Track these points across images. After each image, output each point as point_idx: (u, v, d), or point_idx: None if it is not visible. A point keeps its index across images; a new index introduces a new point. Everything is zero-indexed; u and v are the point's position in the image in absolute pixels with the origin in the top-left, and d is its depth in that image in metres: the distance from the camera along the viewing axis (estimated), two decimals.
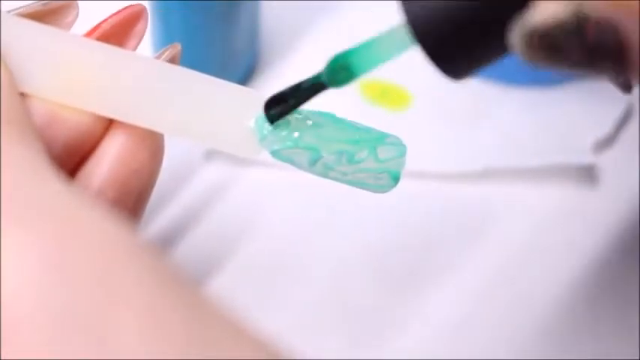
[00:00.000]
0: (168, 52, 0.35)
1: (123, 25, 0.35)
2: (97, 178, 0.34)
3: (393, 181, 0.36)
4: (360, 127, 0.35)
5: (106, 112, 0.34)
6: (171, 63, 0.35)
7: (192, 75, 0.35)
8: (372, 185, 0.36)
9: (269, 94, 0.36)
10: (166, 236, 0.51)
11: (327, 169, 0.35)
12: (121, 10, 0.35)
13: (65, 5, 0.35)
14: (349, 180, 0.35)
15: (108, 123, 0.34)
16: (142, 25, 0.35)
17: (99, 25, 0.35)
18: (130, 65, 0.34)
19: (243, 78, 0.57)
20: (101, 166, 0.34)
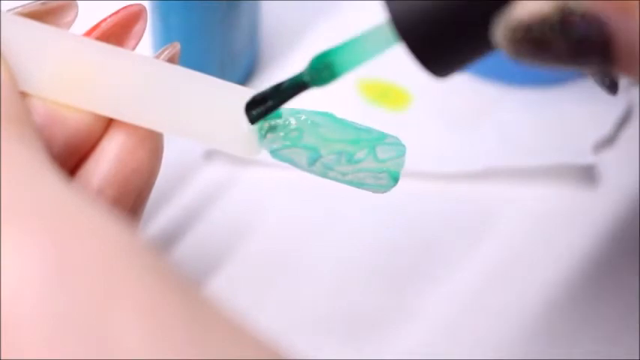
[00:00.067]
0: (167, 52, 0.35)
1: (122, 25, 0.35)
2: (96, 177, 0.33)
3: (392, 181, 0.36)
4: (360, 127, 0.35)
5: (106, 111, 0.34)
6: (171, 62, 0.35)
7: (192, 75, 0.35)
8: (372, 185, 0.36)
9: None
10: (166, 236, 0.51)
11: (327, 168, 0.35)
12: (120, 10, 0.35)
13: (64, 5, 0.35)
14: (349, 180, 0.35)
15: (107, 123, 0.34)
16: (141, 25, 0.35)
17: (98, 25, 0.35)
18: (130, 65, 0.34)
19: (242, 78, 0.57)
20: (101, 166, 0.34)
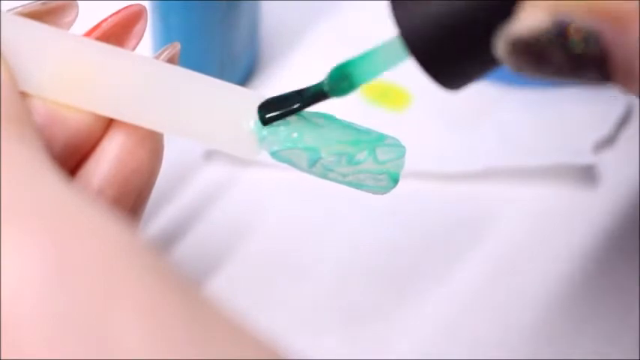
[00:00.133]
0: (167, 52, 0.35)
1: (122, 25, 0.35)
2: (96, 177, 0.34)
3: (392, 182, 0.36)
4: (360, 128, 0.35)
5: (106, 111, 0.34)
6: (171, 62, 0.35)
7: (192, 75, 0.35)
8: (372, 186, 0.36)
9: (269, 94, 0.36)
10: (166, 236, 0.51)
11: (327, 170, 0.35)
12: (121, 10, 0.35)
13: (65, 5, 0.34)
14: (348, 181, 0.35)
15: (107, 123, 0.34)
16: (142, 25, 0.35)
17: (99, 25, 0.35)
18: (130, 65, 0.34)
19: (242, 78, 0.57)
20: (101, 166, 0.34)
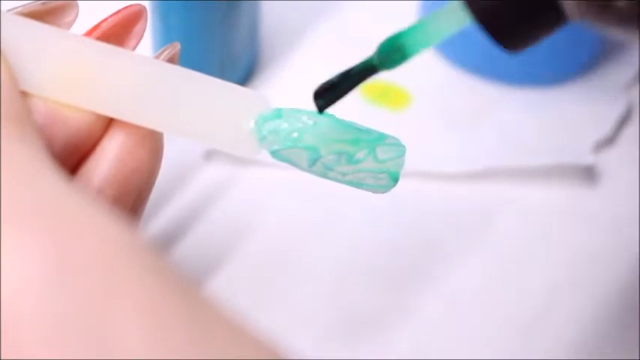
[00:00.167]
0: (167, 52, 0.35)
1: (122, 25, 0.35)
2: (96, 177, 0.33)
3: (392, 182, 0.36)
4: (360, 127, 0.35)
5: (106, 110, 0.34)
6: (171, 62, 0.35)
7: (192, 75, 0.35)
8: (372, 185, 0.36)
9: (269, 94, 0.36)
10: (166, 236, 0.51)
11: (327, 169, 0.35)
12: (121, 10, 0.35)
13: (65, 5, 0.34)
14: (349, 180, 0.35)
15: (107, 122, 0.34)
16: (142, 25, 0.35)
17: (99, 25, 0.35)
18: (130, 65, 0.34)
19: (242, 78, 0.57)
20: (101, 165, 0.34)
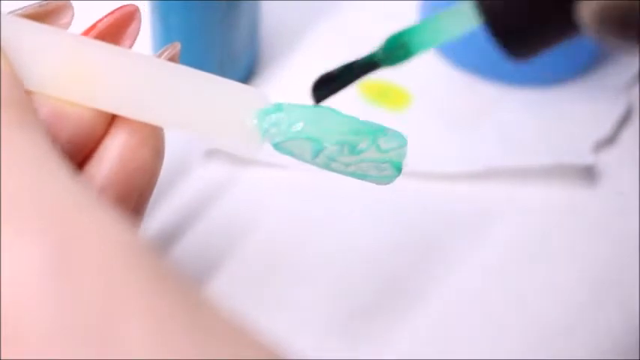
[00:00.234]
0: (167, 52, 0.35)
1: (117, 25, 0.35)
2: (99, 176, 0.33)
3: (396, 171, 0.35)
4: (360, 120, 0.35)
5: (109, 107, 0.34)
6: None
7: (192, 72, 0.35)
8: (375, 176, 0.35)
9: (269, 94, 0.36)
10: (166, 235, 0.51)
11: (330, 160, 0.35)
12: (115, 11, 0.35)
13: (61, 7, 0.35)
14: (352, 171, 0.35)
15: (109, 119, 0.34)
16: (136, 25, 0.35)
17: (95, 25, 0.35)
18: (131, 62, 0.34)
19: (242, 78, 0.57)
20: (103, 165, 0.34)
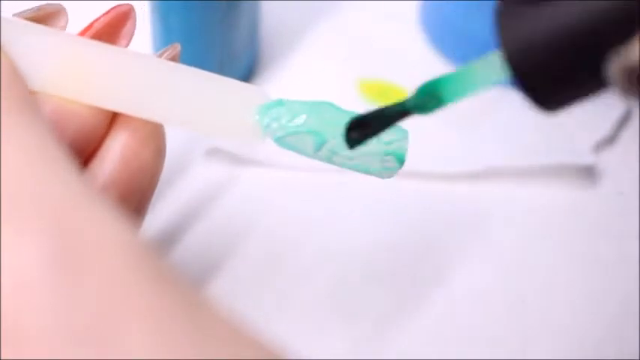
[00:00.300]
0: (168, 53, 0.35)
1: (112, 25, 0.35)
2: (101, 176, 0.34)
3: (398, 163, 0.35)
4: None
5: (112, 105, 0.34)
6: None
7: (194, 71, 0.35)
8: (378, 169, 0.35)
9: (270, 92, 0.36)
10: (166, 235, 0.51)
11: (332, 153, 0.35)
12: (110, 10, 0.35)
13: (56, 11, 0.35)
14: (354, 165, 0.35)
15: (110, 122, 0.34)
16: (131, 24, 0.36)
17: (91, 25, 0.35)
18: (132, 60, 0.34)
19: (242, 78, 0.57)
20: (105, 165, 0.34)
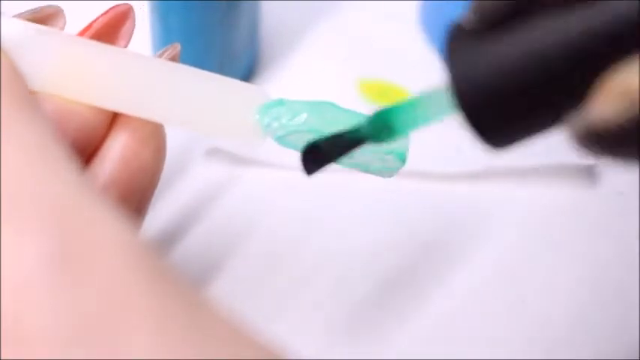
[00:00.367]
0: (168, 53, 0.35)
1: (111, 25, 0.35)
2: (101, 176, 0.34)
3: (400, 162, 0.35)
4: (361, 113, 0.35)
5: (112, 105, 0.34)
6: None
7: (194, 70, 0.35)
8: (379, 168, 0.35)
9: (270, 92, 0.36)
10: (166, 235, 0.51)
11: None
12: (109, 10, 0.35)
13: (54, 13, 0.35)
14: (355, 163, 0.35)
15: (111, 122, 0.34)
16: (130, 24, 0.36)
17: (90, 25, 0.35)
18: (132, 60, 0.34)
19: (242, 78, 0.57)
20: (105, 165, 0.34)
